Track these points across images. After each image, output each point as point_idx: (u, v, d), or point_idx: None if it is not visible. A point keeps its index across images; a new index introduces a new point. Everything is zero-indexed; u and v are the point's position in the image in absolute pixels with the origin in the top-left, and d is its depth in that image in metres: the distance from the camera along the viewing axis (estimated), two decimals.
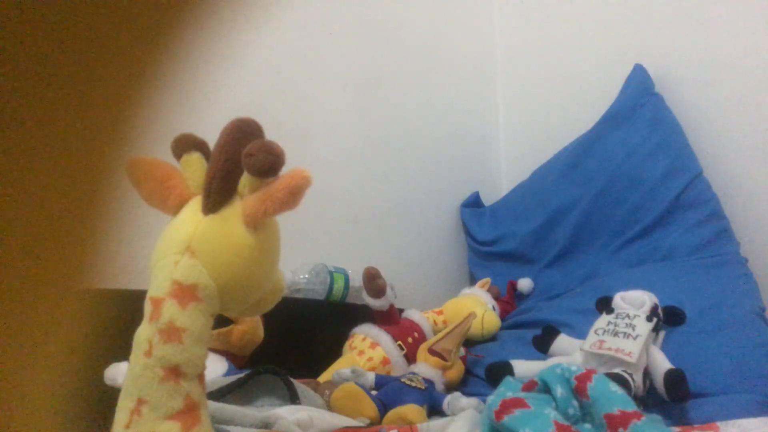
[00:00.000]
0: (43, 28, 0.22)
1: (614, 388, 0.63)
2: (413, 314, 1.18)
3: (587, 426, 0.63)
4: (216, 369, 0.83)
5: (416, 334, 1.13)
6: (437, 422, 0.75)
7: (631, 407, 0.61)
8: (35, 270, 0.24)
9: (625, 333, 0.89)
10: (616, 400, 0.61)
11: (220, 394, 0.72)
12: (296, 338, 1.08)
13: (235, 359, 0.90)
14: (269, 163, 0.46)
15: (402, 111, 1.56)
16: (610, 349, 0.87)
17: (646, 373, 0.88)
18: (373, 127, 1.47)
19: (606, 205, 1.43)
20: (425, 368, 0.99)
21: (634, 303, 0.96)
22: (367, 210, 1.44)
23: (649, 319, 0.92)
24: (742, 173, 1.40)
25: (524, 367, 0.98)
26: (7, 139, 0.22)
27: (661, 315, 0.97)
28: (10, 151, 0.23)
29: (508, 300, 1.46)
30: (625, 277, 1.22)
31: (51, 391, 0.25)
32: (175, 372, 0.46)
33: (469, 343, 1.22)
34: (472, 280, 1.64)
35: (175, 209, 0.50)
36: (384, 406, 0.86)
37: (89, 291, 0.26)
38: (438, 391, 0.96)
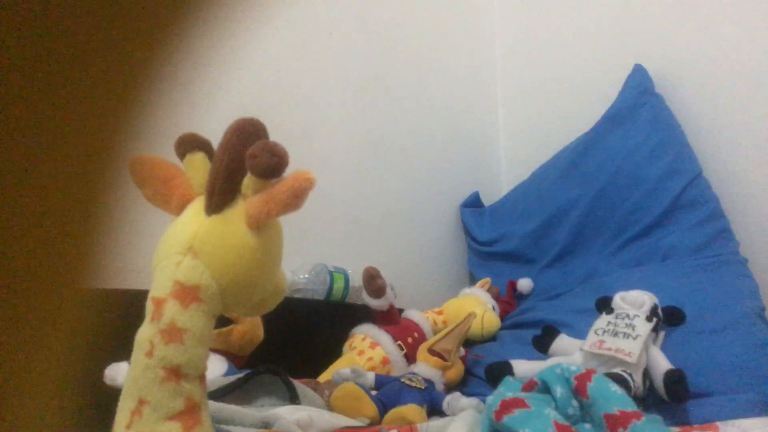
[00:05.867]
0: (44, 27, 0.22)
1: (614, 388, 0.63)
2: (413, 314, 1.18)
3: (587, 426, 0.63)
4: (216, 369, 0.83)
5: (416, 334, 1.13)
6: (437, 422, 0.75)
7: (631, 407, 0.61)
8: (35, 270, 0.24)
9: (624, 333, 0.90)
10: (615, 400, 0.61)
11: (221, 394, 0.72)
12: (296, 338, 1.08)
13: (234, 359, 0.90)
14: (273, 165, 0.46)
15: (402, 111, 1.55)
16: (609, 349, 0.88)
17: (646, 373, 0.88)
18: (373, 128, 1.47)
19: (606, 205, 1.43)
20: (425, 368, 0.99)
21: (634, 303, 0.96)
22: (367, 210, 1.44)
23: (648, 319, 0.93)
24: (742, 173, 1.40)
25: (524, 367, 0.98)
26: (7, 139, 0.22)
27: (661, 315, 0.97)
28: (11, 150, 0.23)
29: (508, 300, 1.46)
30: (625, 277, 1.22)
31: (51, 391, 0.25)
32: (176, 373, 0.46)
33: (468, 343, 1.22)
34: (472, 280, 1.64)
35: (178, 209, 0.50)
36: (384, 406, 0.86)
37: (89, 291, 0.26)
38: (438, 391, 0.96)
